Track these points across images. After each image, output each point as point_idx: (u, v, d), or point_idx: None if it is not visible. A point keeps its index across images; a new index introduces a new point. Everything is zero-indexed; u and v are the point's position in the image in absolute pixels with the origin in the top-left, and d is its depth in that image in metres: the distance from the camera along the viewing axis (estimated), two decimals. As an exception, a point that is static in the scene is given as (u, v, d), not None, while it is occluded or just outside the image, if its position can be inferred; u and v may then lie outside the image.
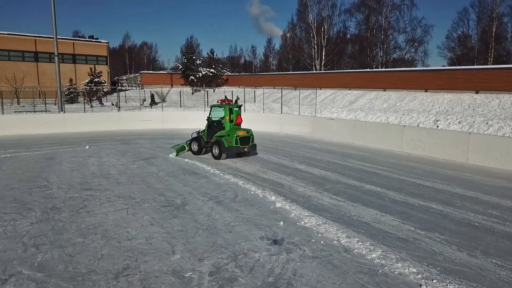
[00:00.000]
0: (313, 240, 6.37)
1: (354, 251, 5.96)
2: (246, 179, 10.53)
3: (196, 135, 15.04)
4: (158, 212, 7.70)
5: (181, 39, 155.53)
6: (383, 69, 37.76)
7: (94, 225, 6.93)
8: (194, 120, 25.24)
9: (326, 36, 48.36)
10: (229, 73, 57.66)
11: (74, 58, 55.41)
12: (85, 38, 66.91)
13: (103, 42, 59.52)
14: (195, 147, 14.81)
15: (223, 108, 14.12)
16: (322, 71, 45.64)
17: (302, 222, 7.18)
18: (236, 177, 10.81)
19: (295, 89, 38.10)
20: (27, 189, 9.39)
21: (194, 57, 53.41)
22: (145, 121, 24.78)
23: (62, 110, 26.37)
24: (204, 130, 14.81)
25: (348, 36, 53.33)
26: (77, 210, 7.80)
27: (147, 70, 71.50)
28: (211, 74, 51.80)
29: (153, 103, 38.14)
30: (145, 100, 38.63)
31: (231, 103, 14.61)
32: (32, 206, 8.05)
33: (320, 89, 35.15)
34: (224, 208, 7.96)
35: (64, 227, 6.84)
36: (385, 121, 21.89)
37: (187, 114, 26.32)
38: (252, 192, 9.19)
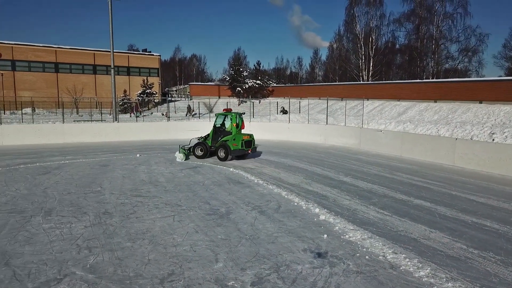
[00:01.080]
0: (358, 254, 6.22)
1: (401, 268, 5.75)
2: (289, 190, 10.50)
3: (197, 141, 16.44)
4: (203, 220, 7.87)
5: (229, 51, 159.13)
6: (434, 80, 36.32)
7: (142, 231, 7.19)
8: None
9: (374, 47, 47.47)
10: (274, 84, 58.00)
11: (128, 71, 58.26)
12: (139, 51, 70.24)
13: (156, 55, 62.16)
14: (199, 151, 16.14)
15: (230, 116, 16.07)
16: (370, 82, 44.72)
17: (347, 236, 7.03)
18: (279, 187, 10.81)
19: (341, 100, 37.60)
20: (82, 194, 9.95)
21: (241, 69, 54.36)
22: (192, 131, 25.45)
23: (116, 120, 27.75)
24: (204, 137, 16.44)
25: (397, 46, 51.97)
26: (127, 215, 8.15)
27: (196, 82, 73.58)
28: (257, 85, 52.42)
29: (188, 113, 39.16)
30: (193, 110, 39.73)
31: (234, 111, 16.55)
32: (87, 210, 8.51)
33: (368, 100, 34.44)
34: (267, 219, 7.98)
35: (114, 231, 7.17)
36: (436, 134, 20.99)
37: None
38: (296, 204, 9.15)
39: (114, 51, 29.15)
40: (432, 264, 5.88)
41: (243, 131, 16.46)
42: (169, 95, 59.75)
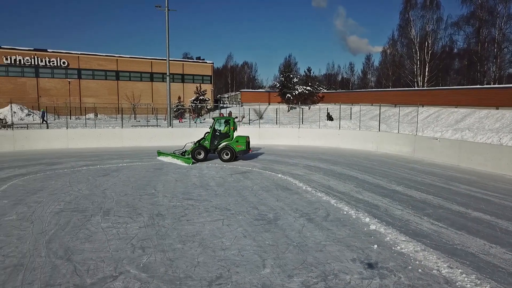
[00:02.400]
0: (410, 267, 5.99)
1: (457, 284, 5.45)
2: (339, 198, 10.33)
3: (195, 145, 17.03)
4: (251, 225, 7.95)
5: (280, 58, 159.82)
6: (496, 85, 34.11)
7: (193, 233, 7.41)
8: (288, 136, 25.59)
9: (430, 51, 45.54)
10: (325, 91, 57.40)
11: (183, 78, 60.35)
12: (193, 59, 72.52)
13: (209, 63, 63.90)
14: (200, 155, 16.93)
15: (229, 120, 17.64)
16: (425, 88, 42.89)
17: (398, 247, 6.79)
18: (328, 195, 10.67)
19: (395, 106, 36.40)
20: (138, 196, 10.44)
21: (291, 75, 54.39)
22: (242, 137, 25.77)
23: (170, 125, 28.83)
24: (198, 141, 17.27)
25: (455, 50, 49.49)
26: (179, 218, 8.43)
27: (247, 89, 74.57)
28: (307, 91, 52.14)
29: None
30: (243, 116, 40.28)
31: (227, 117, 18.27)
32: (141, 211, 8.92)
33: (423, 106, 33.07)
34: (315, 226, 7.91)
35: (166, 233, 7.45)
36: (498, 143, 19.68)
37: (282, 131, 26.76)
38: (345, 212, 8.98)
39: (170, 59, 30.37)
40: (492, 282, 5.53)
41: (236, 134, 17.74)
42: (221, 102, 61.06)
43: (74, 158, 17.57)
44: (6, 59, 48.58)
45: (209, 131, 17.68)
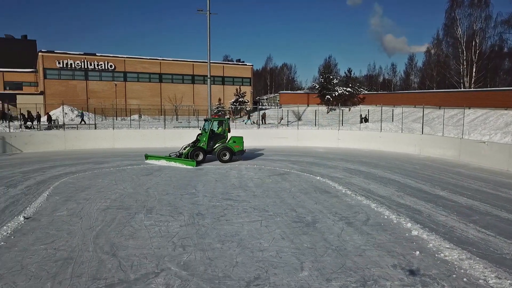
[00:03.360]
0: (454, 275, 5.76)
1: (505, 296, 5.19)
2: (379, 202, 10.10)
3: (193, 147, 16.77)
4: (289, 227, 7.96)
5: (320, 59, 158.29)
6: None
7: (231, 233, 7.52)
8: (327, 138, 25.31)
9: (477, 51, 43.41)
10: (366, 92, 56.20)
11: (223, 80, 61.26)
12: (233, 61, 73.41)
13: (248, 65, 64.44)
14: (199, 156, 16.72)
15: (223, 121, 17.98)
16: (472, 89, 40.93)
17: (442, 255, 6.55)
18: (368, 199, 10.46)
19: (439, 108, 35.04)
20: (179, 195, 10.73)
21: (331, 77, 53.73)
22: (281, 138, 25.82)
23: (210, 127, 29.32)
24: (193, 142, 17.15)
25: (505, 50, 46.85)
26: (218, 217, 8.59)
27: (285, 90, 74.47)
28: (347, 93, 51.31)
29: (263, 120, 39.49)
30: (282, 118, 40.25)
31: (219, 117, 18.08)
32: (182, 210, 9.16)
33: (469, 108, 31.62)
34: (354, 230, 7.79)
35: (206, 232, 7.61)
36: (556, 147, 18.43)
37: (321, 133, 26.51)
38: (386, 217, 8.77)
39: (211, 61, 30.93)
40: (544, 295, 5.22)
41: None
42: (260, 104, 61.34)
43: (120, 158, 18.31)
44: (59, 63, 51.38)
45: (201, 132, 17.73)
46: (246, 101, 53.03)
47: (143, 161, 17.32)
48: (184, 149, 17.30)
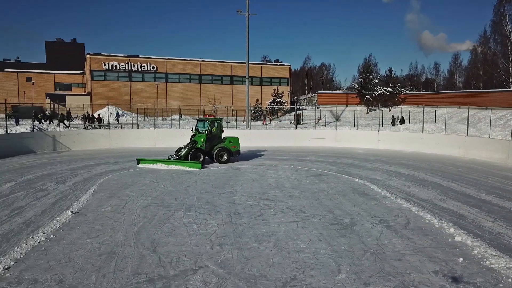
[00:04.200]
0: (501, 285, 5.48)
1: (558, 308, 4.88)
2: (420, 206, 9.78)
3: (193, 149, 16.27)
4: (326, 229, 7.88)
5: (359, 58, 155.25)
6: None
7: (268, 233, 7.55)
8: (366, 139, 24.79)
9: (528, 49, 40.93)
10: (407, 92, 54.52)
11: (261, 80, 61.52)
12: (271, 62, 73.47)
13: (286, 65, 64.31)
14: (200, 157, 16.32)
15: (218, 121, 17.51)
16: (523, 89, 38.64)
17: (487, 262, 6.26)
18: (409, 202, 10.15)
19: (485, 109, 33.38)
20: (217, 194, 10.91)
21: (371, 76, 52.58)
22: (318, 139, 25.59)
23: (248, 127, 29.56)
24: (192, 144, 16.50)
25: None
26: (255, 217, 8.65)
27: (324, 90, 73.66)
28: (387, 93, 50.03)
29: (297, 121, 38.49)
30: (320, 118, 39.86)
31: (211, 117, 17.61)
32: (220, 209, 9.31)
33: (521, 109, 29.84)
34: (394, 234, 7.59)
35: (243, 231, 7.69)
36: None
37: (360, 134, 26.02)
38: (427, 221, 8.48)
39: (249, 62, 31.14)
40: None
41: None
42: (298, 104, 61.05)
43: (160, 156, 18.81)
44: (105, 65, 53.65)
45: (194, 133, 17.27)
46: (283, 101, 52.96)
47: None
48: (180, 151, 16.72)
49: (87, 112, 36.77)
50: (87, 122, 32.99)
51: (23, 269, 5.81)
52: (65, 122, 32.98)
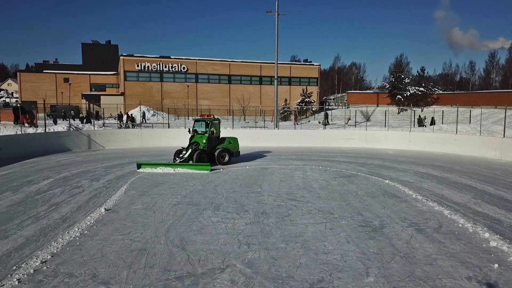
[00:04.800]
0: (539, 294, 5.26)
1: None
2: (453, 209, 9.48)
3: (196, 150, 15.74)
4: (355, 231, 7.79)
5: (390, 57, 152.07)
6: None
7: (295, 234, 7.54)
8: (397, 140, 24.26)
9: None
10: (440, 92, 52.88)
11: (289, 80, 61.34)
12: (300, 62, 73.10)
13: (315, 65, 63.82)
14: (204, 159, 15.71)
15: (215, 122, 16.90)
16: None
17: (525, 270, 6.00)
18: (441, 205, 9.86)
19: (526, 110, 31.89)
20: (245, 194, 10.98)
21: (402, 76, 51.38)
22: (348, 139, 25.26)
23: (276, 127, 29.55)
24: (194, 145, 16.00)
25: None
26: (282, 217, 8.65)
27: (354, 90, 72.59)
28: (420, 93, 48.72)
29: (326, 121, 37.95)
30: (349, 118, 39.33)
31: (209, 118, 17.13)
32: (248, 208, 9.37)
33: None
34: (425, 238, 7.40)
35: (270, 231, 7.71)
36: None
37: (390, 134, 25.48)
38: (460, 225, 8.21)
39: (278, 62, 31.11)
40: None
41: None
42: (327, 104, 60.48)
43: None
44: (137, 66, 55.03)
45: (192, 134, 16.68)
46: (312, 101, 52.57)
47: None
48: (181, 154, 16.03)
49: (120, 112, 37.88)
50: (125, 121, 34.08)
51: (59, 263, 6.07)
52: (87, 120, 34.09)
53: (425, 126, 33.23)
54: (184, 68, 56.72)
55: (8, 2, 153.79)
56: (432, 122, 34.40)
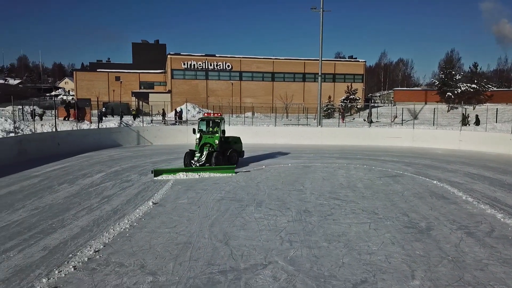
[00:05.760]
0: None
1: None
2: (508, 213, 8.96)
3: (212, 151, 14.48)
4: (400, 232, 7.59)
5: (440, 53, 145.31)
6: None
7: (338, 233, 7.47)
8: (447, 139, 23.23)
9: None
10: (494, 89, 49.90)
11: (334, 77, 60.42)
12: (345, 58, 71.80)
13: (361, 61, 62.42)
14: (220, 160, 14.44)
15: (221, 120, 15.27)
16: None
17: None
18: (494, 208, 9.36)
19: None
20: (287, 191, 11.01)
21: (453, 72, 49.01)
22: (394, 138, 24.53)
23: (320, 124, 29.26)
24: (206, 146, 14.64)
25: None
26: (325, 216, 8.60)
27: (400, 87, 70.22)
28: (472, 90, 46.24)
29: (370, 119, 36.90)
30: (396, 116, 38.13)
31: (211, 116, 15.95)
32: (290, 206, 9.39)
33: None
34: (475, 242, 7.08)
35: (312, 230, 7.69)
36: None
37: (439, 133, 24.45)
38: (516, 230, 7.77)
39: (322, 59, 30.74)
40: None
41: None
42: (372, 101, 58.99)
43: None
44: (184, 64, 56.47)
45: (199, 135, 15.04)
46: (357, 98, 51.46)
47: (255, 155, 18.03)
48: (195, 156, 14.62)
49: (163, 109, 39.19)
50: (173, 118, 35.43)
51: (110, 252, 6.42)
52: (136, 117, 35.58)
53: (469, 125, 31.55)
54: (228, 66, 57.48)
55: (66, 6, 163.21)
56: (477, 121, 32.56)
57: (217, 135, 14.95)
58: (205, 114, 16.48)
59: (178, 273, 5.65)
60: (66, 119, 29.83)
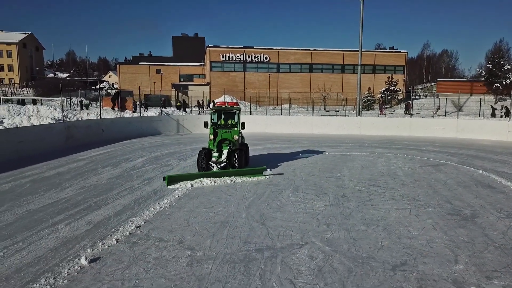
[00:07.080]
0: None
1: None
2: None
3: (235, 148, 11.66)
4: (443, 218, 7.32)
5: (487, 44, 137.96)
6: None
7: (377, 218, 7.31)
8: (494, 131, 22.08)
9: None
10: (551, 78, 46.70)
11: (374, 69, 58.87)
12: (385, 49, 69.74)
13: (402, 52, 60.42)
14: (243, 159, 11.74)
15: (237, 112, 12.58)
16: None
17: None
18: (548, 199, 8.81)
19: None
20: (324, 178, 10.89)
21: (502, 62, 46.39)
22: (437, 129, 23.64)
23: (359, 115, 28.66)
24: (227, 144, 11.79)
25: None
26: (363, 202, 8.44)
27: (444, 78, 67.37)
28: (523, 80, 43.58)
29: (407, 111, 35.63)
30: (439, 108, 36.69)
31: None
32: (327, 191, 9.29)
33: None
34: (526, 231, 6.70)
35: (350, 214, 7.57)
36: None
37: (486, 124, 23.27)
38: None
39: (362, 50, 30.00)
40: None
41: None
42: (414, 93, 57.01)
43: (270, 141, 19.47)
44: (222, 56, 56.96)
45: (214, 129, 12.00)
46: (398, 89, 49.92)
47: (291, 145, 17.94)
48: (213, 157, 11.47)
49: (202, 100, 39.85)
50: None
51: (150, 228, 6.62)
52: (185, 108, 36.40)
53: (501, 116, 29.77)
54: (266, 58, 57.35)
55: (110, 2, 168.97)
56: (508, 113, 30.65)
57: (235, 129, 12.07)
58: (218, 103, 13.13)
59: (215, 249, 5.74)
60: (113, 109, 31.09)
